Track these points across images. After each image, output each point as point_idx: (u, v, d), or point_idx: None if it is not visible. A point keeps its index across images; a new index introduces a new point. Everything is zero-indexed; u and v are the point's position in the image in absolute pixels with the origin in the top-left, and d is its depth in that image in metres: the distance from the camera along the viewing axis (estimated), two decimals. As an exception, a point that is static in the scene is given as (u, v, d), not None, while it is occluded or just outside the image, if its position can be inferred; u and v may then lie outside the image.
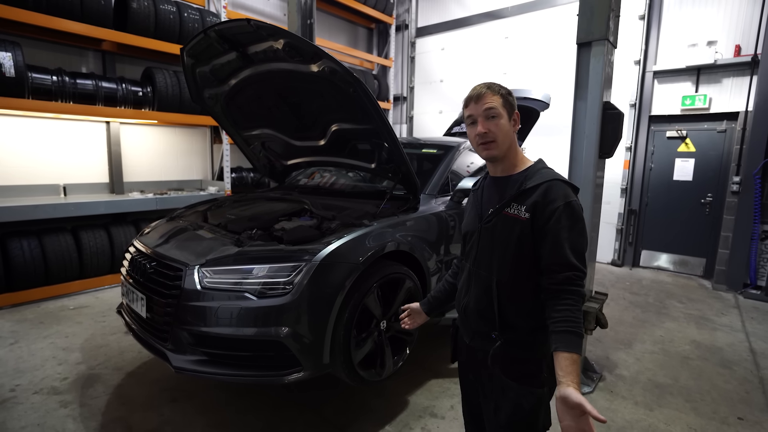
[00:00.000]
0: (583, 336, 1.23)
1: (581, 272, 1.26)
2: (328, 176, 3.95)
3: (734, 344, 3.81)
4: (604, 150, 2.93)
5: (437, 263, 2.91)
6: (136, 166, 5.64)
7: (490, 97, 1.35)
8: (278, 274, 2.15)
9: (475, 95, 1.38)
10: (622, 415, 2.71)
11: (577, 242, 1.27)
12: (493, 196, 1.43)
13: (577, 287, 1.25)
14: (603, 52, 2.80)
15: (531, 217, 1.30)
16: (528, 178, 1.36)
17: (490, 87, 1.38)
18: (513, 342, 1.37)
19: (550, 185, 1.31)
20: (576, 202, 1.31)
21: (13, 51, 3.97)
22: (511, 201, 1.35)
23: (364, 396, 2.82)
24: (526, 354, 1.37)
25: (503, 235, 1.36)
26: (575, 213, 1.29)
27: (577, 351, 1.19)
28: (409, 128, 9.12)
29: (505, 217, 1.36)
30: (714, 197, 5.87)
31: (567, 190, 1.31)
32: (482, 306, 1.42)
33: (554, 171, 1.39)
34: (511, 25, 7.35)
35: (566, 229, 1.26)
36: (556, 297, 1.25)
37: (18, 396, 2.72)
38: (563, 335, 1.20)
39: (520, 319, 1.36)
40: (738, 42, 5.44)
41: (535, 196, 1.30)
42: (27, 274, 4.18)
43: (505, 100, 1.37)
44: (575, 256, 1.26)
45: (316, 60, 2.52)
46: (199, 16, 5.40)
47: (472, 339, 1.49)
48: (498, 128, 1.35)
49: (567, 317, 1.22)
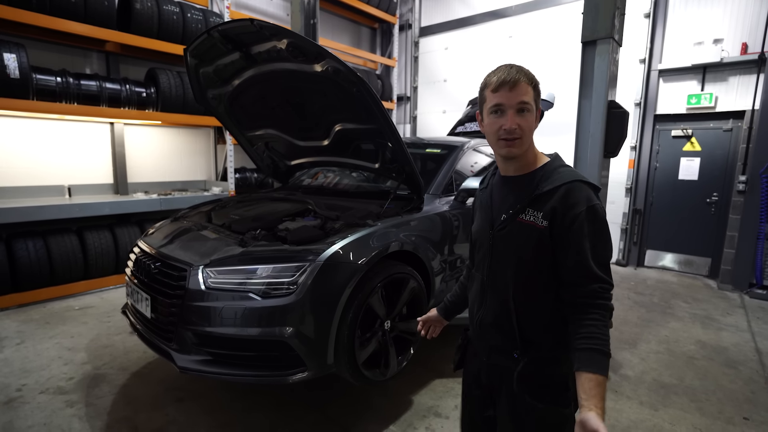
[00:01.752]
0: (609, 356, 1.11)
1: (608, 284, 1.15)
2: (332, 176, 3.95)
3: (740, 344, 3.79)
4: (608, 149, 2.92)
5: (441, 263, 2.90)
6: (140, 166, 5.66)
7: (525, 88, 1.18)
8: (282, 274, 2.16)
9: (510, 81, 1.17)
10: (627, 415, 2.70)
11: (602, 251, 1.16)
12: (506, 198, 1.29)
13: (603, 300, 1.14)
14: (608, 51, 2.79)
15: (550, 225, 1.17)
16: (544, 178, 1.22)
17: (525, 74, 1.19)
18: (537, 360, 1.25)
19: (570, 188, 1.17)
20: (599, 206, 1.18)
21: (17, 52, 4.00)
22: (527, 207, 1.22)
23: (368, 396, 2.82)
24: (551, 371, 1.26)
25: (518, 244, 1.23)
26: (598, 218, 1.16)
27: (603, 372, 1.07)
28: (412, 128, 9.12)
29: (521, 224, 1.22)
30: (720, 196, 5.83)
31: (589, 192, 1.17)
32: (500, 321, 1.30)
33: (573, 169, 1.25)
34: (515, 24, 7.33)
35: (590, 237, 1.14)
36: (581, 312, 1.13)
37: (24, 396, 2.73)
38: (587, 353, 1.09)
39: (542, 334, 1.25)
40: (744, 40, 5.40)
41: (554, 200, 1.17)
42: (32, 274, 4.21)
43: (537, 92, 1.22)
44: (600, 266, 1.14)
45: (320, 60, 2.52)
46: (202, 16, 5.41)
47: (489, 356, 1.35)
48: (527, 124, 1.19)
49: (592, 334, 1.10)
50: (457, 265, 3.07)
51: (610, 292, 1.15)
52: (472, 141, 3.71)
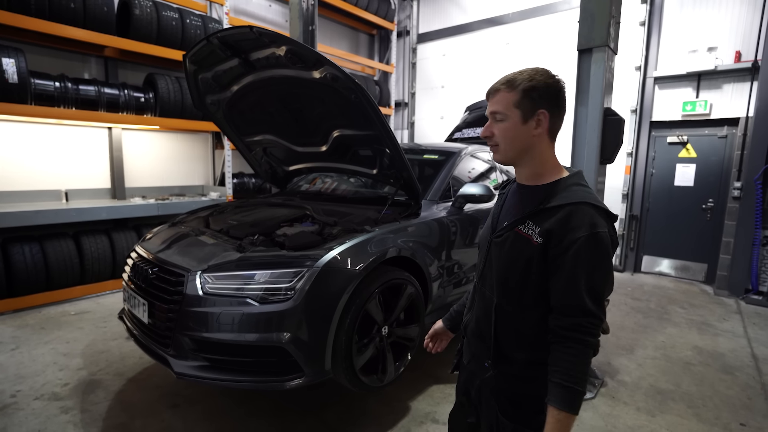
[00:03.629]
0: (582, 393, 1.05)
1: (596, 319, 1.06)
2: (330, 182, 3.96)
3: (736, 350, 3.80)
4: (605, 156, 2.94)
5: (439, 269, 2.91)
6: (138, 171, 5.66)
7: (501, 96, 1.17)
8: (280, 279, 2.16)
9: (490, 91, 1.20)
10: (624, 421, 2.70)
11: (596, 283, 1.07)
12: (513, 207, 1.25)
13: (586, 336, 1.06)
14: (604, 59, 2.82)
15: (544, 244, 1.10)
16: (553, 194, 1.15)
17: (508, 82, 1.17)
18: (508, 376, 1.22)
19: (574, 210, 1.09)
20: (604, 234, 1.08)
21: (16, 57, 4.00)
22: (527, 218, 1.16)
23: (365, 402, 2.82)
24: (523, 390, 1.20)
25: (511, 255, 1.18)
26: (600, 247, 1.07)
27: (568, 409, 1.03)
28: (410, 134, 9.15)
29: (517, 235, 1.17)
30: (715, 203, 5.87)
31: (596, 218, 1.08)
32: (481, 328, 1.28)
33: (587, 190, 1.16)
34: (512, 31, 7.39)
35: (585, 265, 1.06)
36: (562, 343, 1.08)
37: (19, 402, 2.71)
38: (557, 388, 1.05)
39: (518, 350, 1.19)
40: (738, 48, 5.46)
41: (554, 220, 1.10)
42: (28, 279, 4.18)
43: (524, 96, 1.14)
44: (591, 299, 1.06)
45: (318, 66, 2.53)
46: (201, 22, 5.43)
47: (469, 361, 1.37)
48: (501, 132, 1.17)
49: (567, 369, 1.05)
50: (454, 271, 3.08)
51: (598, 329, 1.08)
52: (470, 147, 3.74)
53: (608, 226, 1.11)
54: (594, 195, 1.16)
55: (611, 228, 1.12)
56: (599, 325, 1.08)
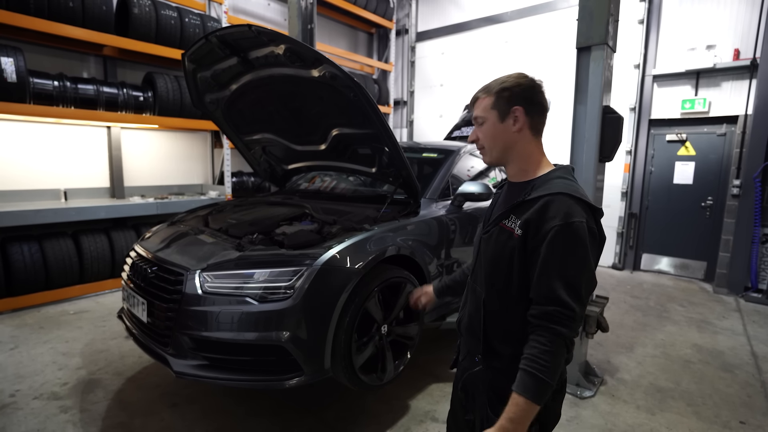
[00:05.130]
0: (547, 384, 1.04)
1: (569, 310, 1.05)
2: (329, 180, 3.95)
3: (736, 348, 3.81)
4: (604, 154, 2.94)
5: (438, 267, 2.91)
6: (137, 170, 5.65)
7: (480, 101, 1.25)
8: (279, 278, 2.15)
9: (472, 101, 1.29)
10: (624, 419, 2.70)
11: (570, 273, 1.07)
12: (502, 203, 1.30)
13: (557, 326, 1.05)
14: (602, 57, 2.81)
15: (523, 235, 1.13)
16: (536, 187, 1.18)
17: (485, 88, 1.26)
18: (494, 370, 1.23)
19: (550, 200, 1.11)
20: (579, 224, 1.08)
21: (15, 56, 3.99)
22: (510, 212, 1.20)
23: (365, 400, 2.82)
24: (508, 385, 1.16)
25: (496, 249, 1.21)
26: (575, 237, 1.07)
27: (530, 396, 1.03)
28: (409, 132, 9.14)
29: (501, 229, 1.21)
30: (714, 200, 5.87)
31: (572, 208, 1.09)
32: (472, 324, 1.30)
33: (567, 182, 1.17)
34: (511, 29, 7.38)
35: (558, 255, 1.07)
36: (532, 331, 1.09)
37: (18, 401, 2.71)
38: (522, 374, 1.06)
39: (505, 345, 1.21)
40: (737, 46, 5.46)
41: (532, 210, 1.13)
42: (27, 278, 4.18)
43: (498, 98, 1.21)
44: (566, 289, 1.06)
45: (317, 65, 2.53)
46: (200, 21, 5.42)
47: (464, 358, 1.39)
48: (483, 134, 1.25)
49: (532, 356, 1.06)
50: (453, 269, 3.08)
51: (572, 320, 1.06)
52: (469, 146, 3.73)
53: (587, 217, 1.11)
54: (576, 187, 1.17)
55: (592, 220, 1.13)
56: (572, 317, 1.06)
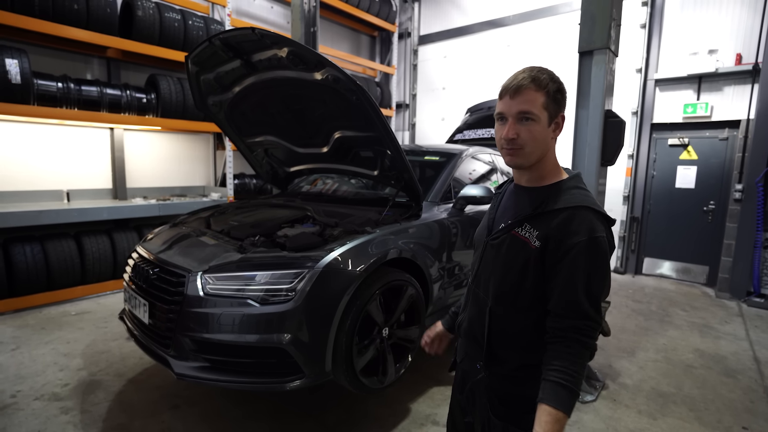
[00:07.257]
0: (577, 394, 1.05)
1: (594, 322, 1.06)
2: (331, 183, 3.96)
3: (738, 353, 3.79)
4: (606, 158, 2.94)
5: (439, 270, 2.91)
6: (140, 172, 5.67)
7: (531, 95, 1.10)
8: (281, 280, 2.16)
9: (513, 88, 1.11)
10: (626, 424, 2.69)
11: (594, 287, 1.06)
12: (510, 208, 1.24)
13: (586, 338, 1.06)
14: (604, 61, 2.82)
15: (542, 248, 1.10)
16: (552, 197, 1.13)
17: (535, 79, 1.10)
18: (498, 377, 1.22)
19: (573, 214, 1.08)
20: (602, 239, 1.07)
21: (19, 58, 4.02)
22: (525, 221, 1.15)
23: (365, 403, 2.81)
24: (514, 391, 1.19)
25: (508, 258, 1.17)
26: (599, 252, 1.06)
27: (563, 409, 1.01)
28: (411, 135, 9.16)
29: (514, 237, 1.16)
30: (716, 205, 5.86)
31: (594, 223, 1.07)
32: (474, 329, 1.28)
33: (586, 194, 1.15)
34: (513, 33, 7.40)
35: (584, 270, 1.05)
36: (559, 343, 1.07)
37: (19, 402, 2.71)
38: (554, 386, 1.03)
39: (511, 352, 1.19)
40: (739, 50, 5.46)
41: (554, 224, 1.09)
42: (29, 279, 4.19)
43: (551, 99, 1.11)
44: (591, 303, 1.05)
45: (320, 68, 2.54)
46: (203, 23, 5.45)
47: (462, 360, 1.37)
48: (530, 135, 1.11)
49: (564, 368, 1.04)
50: (455, 273, 3.08)
51: (596, 332, 1.07)
52: (471, 149, 3.74)
53: (606, 230, 1.10)
54: (593, 198, 1.15)
55: (609, 232, 1.12)
56: (597, 329, 1.07)
